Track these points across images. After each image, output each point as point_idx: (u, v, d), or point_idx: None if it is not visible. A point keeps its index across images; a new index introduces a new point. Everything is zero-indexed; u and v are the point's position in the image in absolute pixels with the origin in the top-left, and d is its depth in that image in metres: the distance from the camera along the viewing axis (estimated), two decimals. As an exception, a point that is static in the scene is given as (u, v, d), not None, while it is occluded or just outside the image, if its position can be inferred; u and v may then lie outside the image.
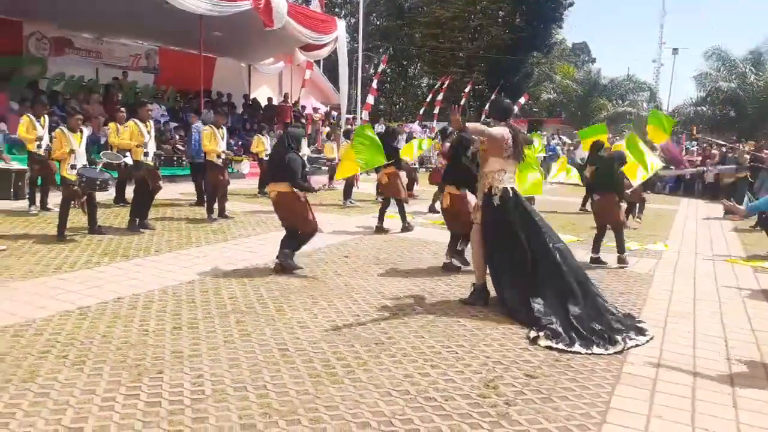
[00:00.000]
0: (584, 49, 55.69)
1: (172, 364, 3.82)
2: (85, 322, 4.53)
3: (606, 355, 4.41)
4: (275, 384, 3.61)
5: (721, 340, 4.87)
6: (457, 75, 34.41)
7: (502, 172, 5.29)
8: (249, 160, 14.78)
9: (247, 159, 14.63)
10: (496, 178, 5.28)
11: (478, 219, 5.51)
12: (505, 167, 5.29)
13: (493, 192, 5.28)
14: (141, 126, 8.18)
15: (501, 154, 5.27)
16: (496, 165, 5.29)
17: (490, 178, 5.31)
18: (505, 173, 5.30)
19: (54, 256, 6.54)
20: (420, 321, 4.96)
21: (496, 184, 5.28)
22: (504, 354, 4.33)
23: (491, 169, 5.31)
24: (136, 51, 19.37)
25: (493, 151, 5.29)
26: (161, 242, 7.62)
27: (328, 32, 18.53)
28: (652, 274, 7.21)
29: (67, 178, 7.38)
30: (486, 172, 5.36)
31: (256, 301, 5.31)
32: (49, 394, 3.33)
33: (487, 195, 5.33)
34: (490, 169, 5.32)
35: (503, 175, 5.29)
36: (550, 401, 3.60)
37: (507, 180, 5.31)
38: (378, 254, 7.56)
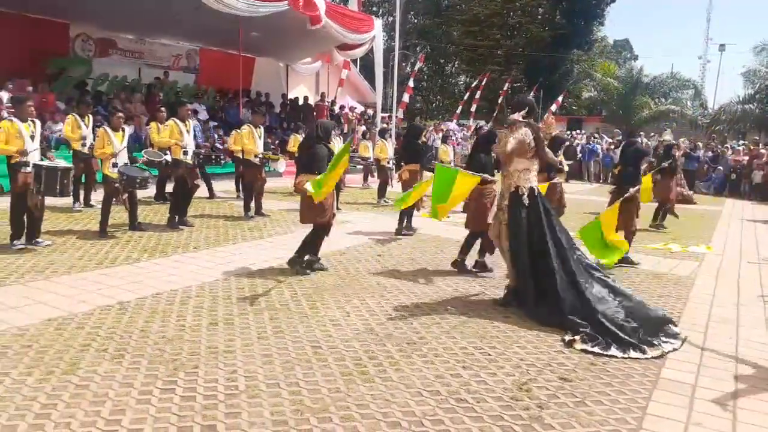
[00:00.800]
0: (626, 46, 54.51)
1: (207, 360, 3.89)
2: (125, 316, 4.65)
3: (644, 359, 4.32)
4: (307, 381, 3.64)
5: (766, 347, 4.71)
6: (495, 73, 34.08)
7: (528, 171, 5.35)
8: (285, 159, 14.93)
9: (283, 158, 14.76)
10: (522, 177, 5.33)
11: (504, 219, 5.47)
12: (529, 167, 5.36)
13: (521, 192, 5.30)
14: (180, 125, 8.34)
15: (525, 154, 5.33)
16: (521, 165, 5.35)
17: (516, 178, 5.35)
18: (530, 172, 5.36)
19: (96, 252, 6.73)
20: (452, 321, 4.94)
21: (522, 183, 5.32)
22: (538, 356, 4.27)
23: (516, 168, 5.35)
24: (177, 51, 19.76)
25: (518, 152, 5.34)
26: (199, 239, 7.76)
27: (365, 31, 18.55)
28: (693, 277, 7.02)
29: (109, 176, 7.58)
30: (511, 172, 5.38)
31: (289, 298, 5.36)
32: (89, 386, 3.42)
33: (515, 194, 5.34)
34: (515, 168, 5.36)
35: (528, 174, 5.35)
36: (584, 405, 3.54)
37: (532, 179, 5.37)
38: (411, 253, 7.55)
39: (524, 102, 5.61)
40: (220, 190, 12.70)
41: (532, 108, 5.60)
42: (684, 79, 35.68)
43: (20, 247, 6.58)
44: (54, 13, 15.67)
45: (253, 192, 9.64)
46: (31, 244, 6.72)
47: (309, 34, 16.20)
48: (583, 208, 12.78)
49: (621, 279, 6.68)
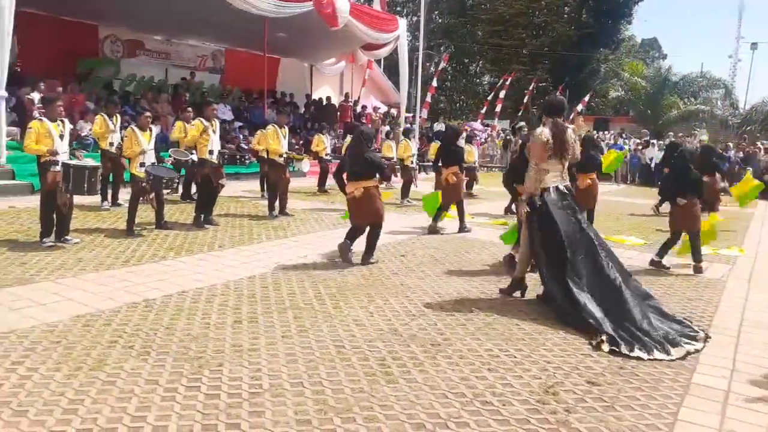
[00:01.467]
0: (654, 45, 53.68)
1: (232, 358, 3.90)
2: (151, 314, 4.69)
3: (668, 360, 4.26)
4: (331, 381, 3.63)
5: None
6: (520, 73, 33.82)
7: (545, 172, 5.36)
8: (309, 159, 14.99)
9: (307, 158, 14.84)
10: (547, 177, 5.36)
11: (523, 217, 5.59)
12: (548, 167, 5.36)
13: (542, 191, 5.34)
14: (206, 124, 8.41)
15: (545, 156, 5.33)
16: (544, 165, 5.36)
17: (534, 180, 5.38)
18: (548, 173, 5.36)
19: (123, 250, 6.81)
20: (477, 323, 4.88)
21: (548, 184, 5.35)
22: (565, 359, 4.20)
23: (540, 169, 5.38)
24: (203, 52, 19.99)
25: (538, 157, 5.36)
26: (224, 238, 7.81)
27: (389, 31, 18.55)
28: (724, 281, 6.86)
29: (136, 175, 7.68)
30: (530, 175, 5.43)
31: (313, 297, 5.36)
32: (115, 382, 3.45)
33: (540, 196, 5.37)
34: (533, 171, 5.41)
35: (545, 175, 5.36)
36: (612, 410, 3.46)
37: (550, 180, 5.36)
38: (435, 254, 7.50)
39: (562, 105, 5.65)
40: (244, 189, 12.81)
41: (563, 109, 5.60)
42: (714, 78, 35.04)
43: (50, 244, 6.69)
44: (84, 15, 15.97)
45: (277, 191, 9.68)
46: (60, 241, 6.82)
47: (333, 34, 16.25)
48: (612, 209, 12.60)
49: (651, 282, 6.57)
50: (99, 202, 9.57)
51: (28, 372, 3.52)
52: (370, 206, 6.73)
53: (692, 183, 7.16)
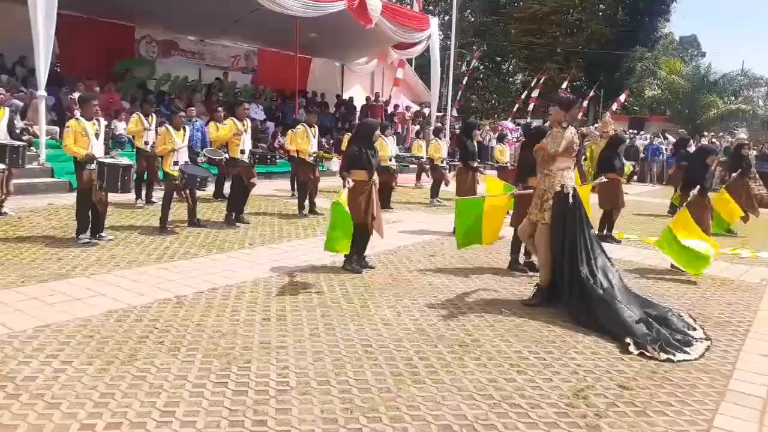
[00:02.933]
0: (693, 42, 52.43)
1: (260, 355, 3.92)
2: (181, 310, 4.75)
3: (690, 360, 4.24)
4: (358, 380, 3.62)
5: None
6: (554, 71, 33.37)
7: (569, 170, 5.34)
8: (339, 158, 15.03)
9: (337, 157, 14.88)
10: (566, 176, 5.30)
11: (546, 219, 5.37)
12: (571, 165, 5.36)
13: (566, 191, 5.25)
14: (238, 124, 8.50)
15: (571, 154, 5.32)
16: (564, 164, 5.32)
17: (560, 177, 5.29)
18: (571, 171, 5.36)
19: (155, 247, 6.92)
20: (507, 324, 4.82)
21: (567, 182, 5.28)
22: (596, 363, 4.12)
23: (560, 167, 5.31)
24: (236, 52, 20.21)
25: (565, 152, 5.31)
26: (255, 236, 7.88)
27: (420, 30, 18.49)
28: (764, 285, 6.64)
29: (170, 173, 7.80)
30: (554, 171, 5.31)
31: (341, 296, 5.36)
32: (145, 377, 3.50)
33: (560, 194, 5.26)
34: (558, 167, 5.31)
35: (570, 173, 5.34)
36: (644, 415, 3.38)
37: (572, 178, 5.38)
38: (464, 254, 7.43)
39: (566, 99, 5.55)
40: (275, 188, 12.91)
41: (570, 104, 5.50)
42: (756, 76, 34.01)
43: (85, 241, 6.83)
44: (121, 17, 16.30)
45: (307, 190, 9.73)
46: (95, 238, 6.97)
47: (365, 33, 16.28)
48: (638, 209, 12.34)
49: (687, 286, 6.41)
50: (133, 200, 9.77)
51: (62, 365, 3.60)
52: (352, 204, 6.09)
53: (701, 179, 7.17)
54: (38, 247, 6.63)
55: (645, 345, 4.36)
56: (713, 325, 5.06)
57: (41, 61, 10.36)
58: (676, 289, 6.26)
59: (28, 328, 4.17)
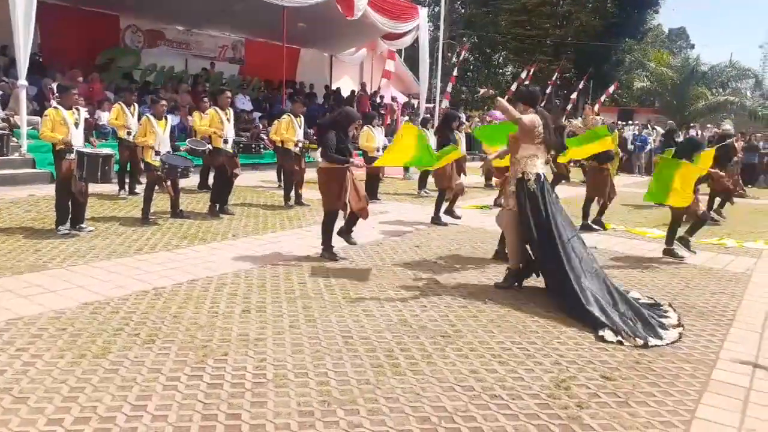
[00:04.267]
0: (682, 34, 52.54)
1: (238, 347, 3.84)
2: (159, 302, 4.66)
3: (662, 345, 4.27)
4: (337, 372, 3.55)
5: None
6: (544, 63, 33.31)
7: (535, 157, 5.32)
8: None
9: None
10: (529, 163, 5.31)
11: (511, 205, 5.47)
12: (536, 153, 5.33)
13: (527, 177, 5.28)
14: (221, 113, 8.37)
15: (533, 140, 5.30)
16: (528, 151, 5.33)
17: (523, 164, 5.33)
18: (537, 159, 5.33)
19: (136, 238, 6.81)
20: (490, 315, 4.77)
21: (529, 169, 5.29)
22: (579, 353, 4.07)
23: (523, 155, 5.34)
24: (223, 42, 20.01)
25: (525, 138, 5.33)
26: (238, 227, 7.78)
27: (407, 20, 18.36)
28: (749, 274, 6.63)
29: (151, 163, 7.67)
30: (518, 158, 5.38)
31: (324, 287, 5.29)
32: (118, 370, 3.41)
33: (521, 181, 5.32)
34: (522, 155, 5.35)
35: (536, 160, 5.32)
36: (627, 406, 3.33)
37: (540, 166, 5.34)
38: (450, 245, 7.38)
39: (536, 95, 5.65)
40: (262, 179, 12.79)
41: (535, 98, 5.57)
42: (744, 68, 34.08)
43: (65, 232, 6.71)
44: (105, 6, 16.07)
45: (292, 181, 9.63)
46: (75, 229, 6.84)
47: (353, 23, 16.13)
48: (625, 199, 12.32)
49: (672, 275, 6.39)
50: (116, 191, 9.63)
51: (32, 359, 3.50)
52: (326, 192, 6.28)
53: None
54: (16, 238, 6.50)
55: (620, 331, 4.39)
56: (697, 315, 5.04)
57: (21, 49, 10.17)
58: (661, 278, 6.24)
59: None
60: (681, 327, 4.67)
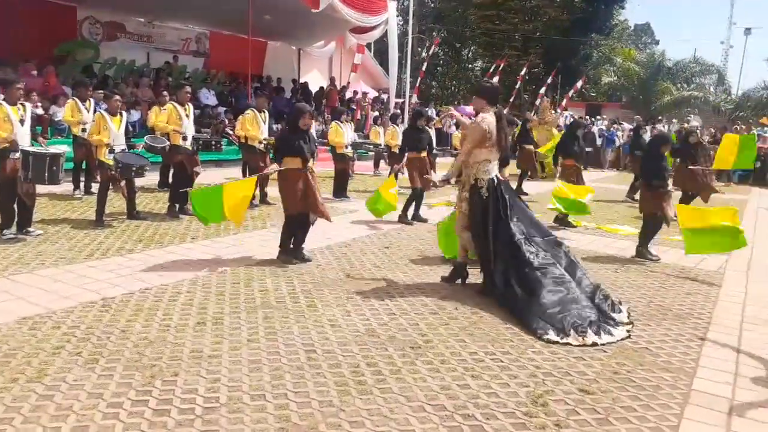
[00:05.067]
0: (647, 30, 53.17)
1: (189, 365, 3.53)
2: (107, 314, 4.31)
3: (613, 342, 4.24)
4: (297, 393, 3.27)
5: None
6: (513, 58, 33.30)
7: (487, 162, 5.15)
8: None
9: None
10: (481, 169, 5.15)
11: (464, 209, 5.34)
12: (489, 157, 5.15)
13: (479, 184, 5.14)
14: (179, 109, 7.97)
15: (484, 144, 5.11)
16: (480, 156, 5.15)
17: (475, 170, 5.18)
18: (489, 163, 5.16)
19: (88, 242, 6.40)
20: (462, 322, 4.54)
21: (481, 175, 5.15)
22: (555, 363, 3.87)
23: (476, 160, 5.17)
24: (186, 35, 19.39)
25: (476, 143, 5.13)
26: (199, 228, 7.42)
27: (376, 14, 18.05)
28: (722, 273, 6.55)
29: (105, 162, 7.25)
30: (471, 163, 5.20)
31: (287, 294, 4.99)
32: (53, 396, 3.08)
33: (474, 186, 5.19)
34: (474, 160, 5.17)
35: (488, 165, 5.15)
36: (607, 423, 3.13)
37: (492, 170, 5.17)
38: (420, 245, 7.14)
39: (496, 92, 5.45)
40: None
41: (494, 94, 5.35)
42: (707, 63, 34.63)
43: (10, 236, 6.27)
44: (61, -4, 15.39)
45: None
46: (21, 233, 6.41)
47: (320, 16, 15.76)
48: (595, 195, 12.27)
49: (645, 275, 6.26)
50: (71, 191, 9.16)
51: (-44, 385, 3.15)
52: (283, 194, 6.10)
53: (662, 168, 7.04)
54: (-45, 244, 6.06)
55: (568, 331, 4.30)
56: (674, 318, 4.89)
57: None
58: (635, 279, 6.10)
59: (-76, 340, 3.69)
60: (631, 324, 4.63)
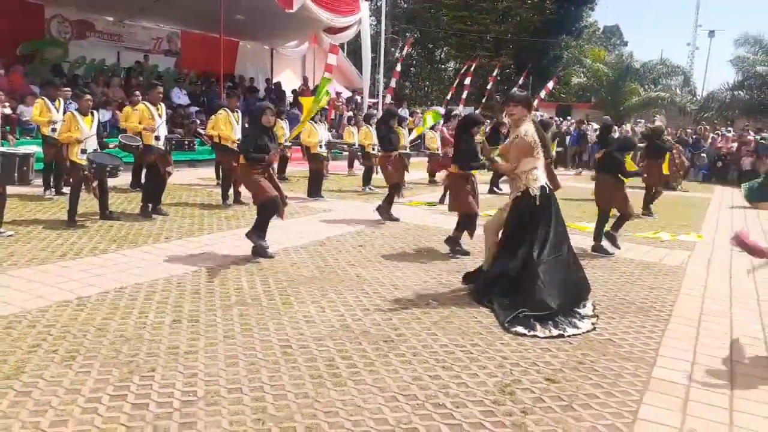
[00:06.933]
0: (616, 32, 54.22)
1: (166, 361, 3.59)
2: (82, 313, 4.34)
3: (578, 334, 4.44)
4: (273, 386, 3.36)
5: (762, 343, 4.49)
6: (485, 58, 33.67)
7: (535, 169, 5.02)
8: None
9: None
10: (531, 177, 5.01)
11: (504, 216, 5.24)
12: (536, 165, 5.04)
13: (533, 193, 4.97)
14: (152, 109, 7.97)
15: (532, 153, 5.02)
16: (528, 165, 5.02)
17: (525, 179, 5.03)
18: (537, 170, 5.03)
19: (61, 243, 6.38)
20: (434, 317, 4.67)
21: (532, 185, 4.99)
22: (522, 354, 4.02)
23: (524, 169, 5.03)
24: (157, 34, 19.23)
25: (525, 155, 5.02)
26: (172, 228, 7.43)
27: (348, 14, 18.14)
28: (684, 267, 6.81)
29: (77, 162, 7.22)
30: (519, 174, 5.07)
31: (262, 292, 5.07)
32: (31, 393, 3.12)
33: (525, 194, 5.02)
34: (522, 170, 5.04)
35: (536, 172, 5.03)
36: (571, 409, 3.29)
37: (541, 177, 5.05)
38: (394, 243, 7.27)
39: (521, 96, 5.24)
40: (199, 177, 12.35)
41: (530, 101, 5.32)
42: (673, 65, 35.44)
43: (-20, 237, 6.23)
44: (28, -6, 15.15)
45: (231, 179, 9.29)
46: (-8, 234, 6.37)
47: (293, 16, 15.79)
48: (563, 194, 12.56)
49: (611, 269, 6.47)
50: (41, 191, 9.07)
51: (-68, 384, 3.17)
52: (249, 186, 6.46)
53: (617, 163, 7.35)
54: (-77, 245, 5.99)
55: (534, 325, 4.47)
56: (637, 311, 5.10)
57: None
58: (601, 273, 6.31)
59: None
60: (595, 317, 4.81)
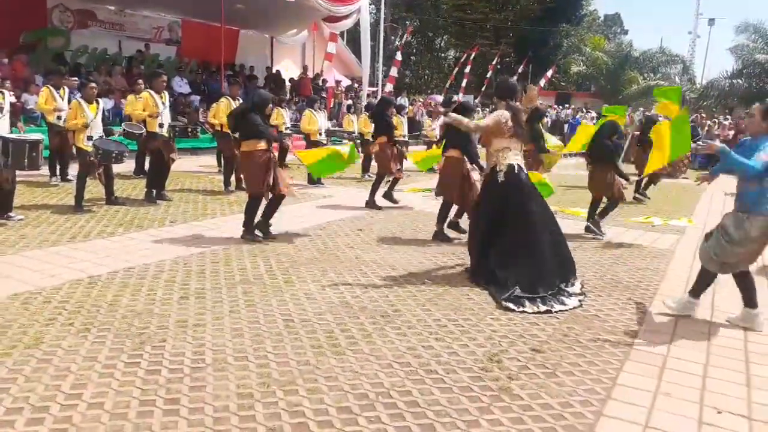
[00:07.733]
0: (616, 20, 54.08)
1: (176, 333, 3.83)
2: (94, 290, 4.57)
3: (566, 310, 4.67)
4: (276, 354, 3.60)
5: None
6: (485, 47, 33.76)
7: (507, 150, 5.38)
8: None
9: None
10: (501, 155, 5.38)
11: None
12: (509, 145, 5.38)
13: (498, 168, 5.35)
14: (156, 97, 8.16)
15: (503, 134, 5.35)
16: (500, 144, 5.40)
17: (495, 157, 5.41)
18: (509, 151, 5.38)
19: (70, 226, 6.61)
20: (428, 294, 4.90)
21: (501, 161, 5.37)
22: (511, 328, 4.25)
23: (496, 149, 5.42)
24: (158, 23, 19.34)
25: (495, 134, 5.39)
26: (176, 213, 7.66)
27: (348, 3, 18.25)
28: (673, 250, 7.03)
29: (83, 149, 7.43)
30: (491, 152, 5.47)
31: (265, 272, 5.30)
32: (51, 360, 3.36)
33: (492, 171, 5.42)
34: (494, 149, 5.43)
35: (508, 152, 5.38)
36: (554, 376, 3.52)
37: (512, 157, 5.38)
38: (392, 228, 7.49)
39: (515, 89, 5.65)
40: (201, 164, 12.56)
41: (503, 90, 5.63)
42: (673, 54, 35.54)
43: (-9, 221, 6.45)
44: (30, -17, 15.26)
45: (232, 166, 9.50)
46: (2, 218, 6.58)
47: (293, 5, 15.92)
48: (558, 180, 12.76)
49: (601, 251, 6.70)
50: (47, 178, 9.28)
51: (-41, 352, 3.40)
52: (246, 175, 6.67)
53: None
54: (-62, 229, 6.21)
55: (523, 301, 4.71)
56: (623, 289, 5.33)
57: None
58: (592, 254, 6.53)
59: None
60: (582, 295, 5.05)
